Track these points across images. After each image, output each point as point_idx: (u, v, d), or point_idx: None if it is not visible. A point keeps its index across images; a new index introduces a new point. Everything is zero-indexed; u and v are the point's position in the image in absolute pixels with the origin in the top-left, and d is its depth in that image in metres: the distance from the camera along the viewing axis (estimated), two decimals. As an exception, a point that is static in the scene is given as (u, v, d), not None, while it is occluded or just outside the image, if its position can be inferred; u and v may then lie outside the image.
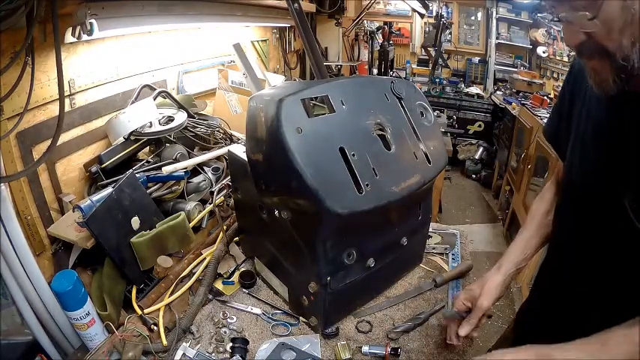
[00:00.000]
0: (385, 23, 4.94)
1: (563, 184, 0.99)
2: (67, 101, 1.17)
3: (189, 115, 1.56)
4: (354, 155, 0.90)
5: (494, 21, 5.17)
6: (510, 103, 4.09)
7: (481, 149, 4.95)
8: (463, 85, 5.25)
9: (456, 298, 1.00)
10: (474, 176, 4.97)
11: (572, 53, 3.84)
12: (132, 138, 1.36)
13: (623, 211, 0.71)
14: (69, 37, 1.12)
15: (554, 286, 1.01)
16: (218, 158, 1.56)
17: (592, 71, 0.70)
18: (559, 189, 1.03)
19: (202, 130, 1.60)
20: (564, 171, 0.96)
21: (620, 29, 0.62)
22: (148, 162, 1.36)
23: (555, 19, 0.67)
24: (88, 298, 0.98)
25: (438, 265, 1.33)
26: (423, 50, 5.52)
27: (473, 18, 5.58)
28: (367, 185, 0.90)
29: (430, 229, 1.35)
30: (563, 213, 0.96)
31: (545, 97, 3.68)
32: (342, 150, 0.89)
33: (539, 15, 4.20)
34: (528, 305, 1.19)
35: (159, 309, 1.07)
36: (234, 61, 1.92)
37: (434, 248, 1.40)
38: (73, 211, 1.12)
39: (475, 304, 0.93)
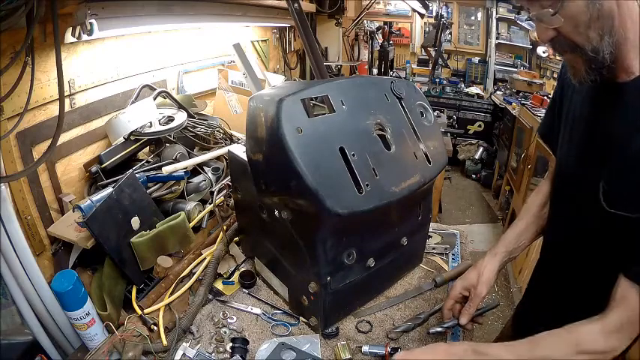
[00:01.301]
0: (385, 23, 4.94)
1: (553, 177, 1.02)
2: (67, 101, 1.17)
3: (189, 115, 1.56)
4: (354, 155, 0.90)
5: (494, 21, 5.17)
6: (510, 103, 4.09)
7: (481, 149, 4.95)
8: (463, 85, 5.25)
9: (453, 288, 1.01)
10: (474, 176, 4.97)
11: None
12: (132, 138, 1.36)
13: (596, 196, 0.75)
14: (69, 37, 1.12)
15: (548, 280, 1.03)
16: (218, 158, 1.56)
17: (567, 64, 0.76)
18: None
19: (202, 130, 1.60)
20: (555, 164, 1.00)
21: (586, 24, 0.67)
22: (148, 162, 1.36)
23: (528, 18, 0.74)
24: (88, 298, 0.98)
25: (438, 265, 1.33)
26: (423, 50, 5.52)
27: (473, 18, 5.58)
28: (367, 185, 0.90)
29: (430, 229, 1.35)
30: (554, 204, 0.99)
31: (545, 97, 3.67)
32: (342, 150, 0.89)
33: (516, 17, 4.20)
34: (525, 300, 1.20)
35: (159, 309, 1.07)
36: (234, 61, 1.92)
37: (434, 248, 1.40)
38: (73, 211, 1.12)
39: (474, 292, 0.95)
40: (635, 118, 0.71)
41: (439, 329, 0.97)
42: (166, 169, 1.31)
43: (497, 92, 4.79)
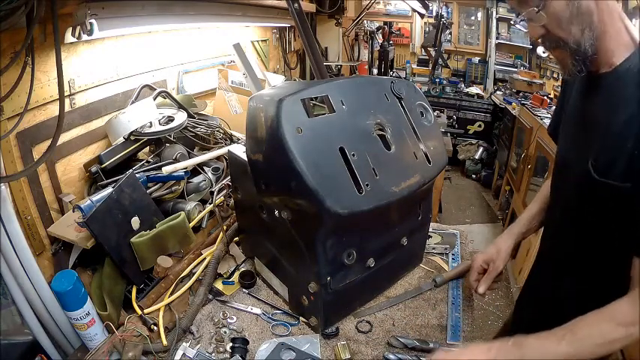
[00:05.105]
0: (385, 23, 4.94)
1: (553, 165, 1.11)
2: (67, 101, 1.17)
3: (189, 115, 1.56)
4: (354, 155, 0.90)
5: (494, 21, 5.17)
6: (510, 103, 4.09)
7: (481, 149, 4.95)
8: (463, 85, 5.25)
9: (474, 261, 1.11)
10: (474, 176, 4.97)
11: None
12: (132, 138, 1.36)
13: (588, 172, 0.82)
14: (69, 37, 1.12)
15: (547, 270, 1.07)
16: (218, 158, 1.56)
17: (557, 60, 0.84)
18: None
19: (202, 130, 1.60)
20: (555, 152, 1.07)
21: (568, 20, 0.76)
22: (148, 162, 1.36)
23: (519, 19, 0.83)
24: (88, 298, 0.98)
25: (438, 265, 1.33)
26: (423, 50, 5.52)
27: (473, 18, 5.58)
28: (367, 185, 0.90)
29: (430, 229, 1.35)
30: (553, 190, 1.06)
31: (545, 97, 3.67)
32: (342, 150, 0.89)
33: (513, 20, 4.22)
34: (524, 293, 1.24)
35: (159, 309, 1.07)
36: (234, 61, 1.92)
37: (434, 248, 1.40)
38: (73, 211, 1.12)
39: (492, 265, 1.07)
40: (614, 101, 0.79)
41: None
42: (166, 169, 1.31)
43: (497, 92, 4.79)
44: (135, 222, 1.13)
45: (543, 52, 4.65)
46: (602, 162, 0.80)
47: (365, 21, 4.32)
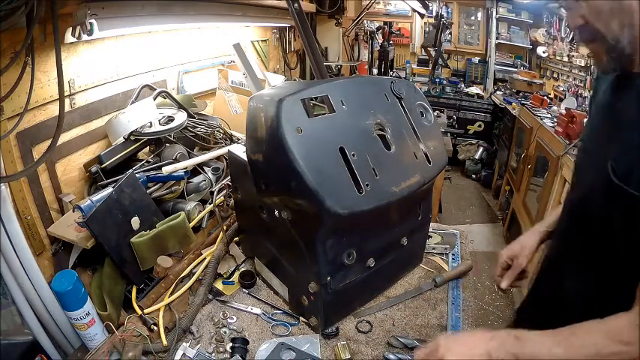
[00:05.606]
0: (385, 23, 4.94)
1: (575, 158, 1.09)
2: (67, 101, 1.17)
3: (189, 115, 1.56)
4: (354, 155, 0.90)
5: (494, 21, 5.17)
6: (510, 103, 4.09)
7: (481, 149, 4.95)
8: (463, 85, 5.25)
9: (500, 255, 1.11)
10: (474, 176, 4.97)
11: (573, 53, 3.86)
12: (132, 138, 1.36)
13: (606, 171, 0.79)
14: (69, 37, 1.12)
15: (552, 277, 1.05)
16: (218, 158, 1.56)
17: (592, 53, 0.81)
18: None
19: (202, 130, 1.60)
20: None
21: (608, 14, 0.72)
22: (148, 162, 1.36)
23: (559, 5, 0.82)
24: (88, 298, 0.98)
25: (438, 265, 1.33)
26: (423, 50, 5.52)
27: (473, 18, 5.58)
28: (367, 185, 0.90)
29: (430, 229, 1.35)
30: (571, 188, 1.05)
31: (545, 97, 3.67)
32: (342, 150, 0.89)
33: (550, 5, 4.17)
34: (528, 299, 1.22)
35: (159, 309, 1.07)
36: (234, 61, 1.92)
37: (434, 248, 1.40)
38: (73, 211, 1.12)
39: (516, 262, 1.07)
40: None
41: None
42: (166, 169, 1.31)
43: (497, 92, 4.79)
44: (135, 222, 1.13)
45: (544, 53, 4.66)
46: (622, 164, 0.77)
47: (365, 21, 4.32)
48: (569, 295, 0.96)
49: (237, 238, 1.34)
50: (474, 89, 5.15)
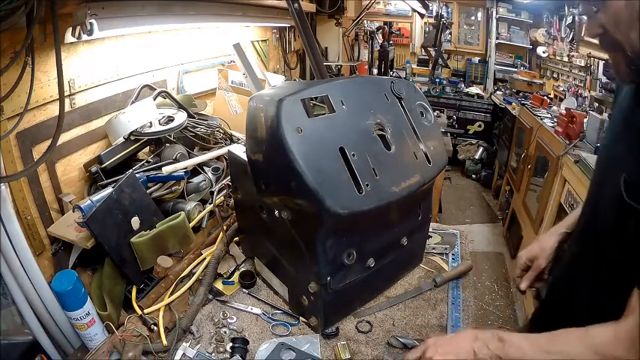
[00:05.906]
0: (385, 23, 4.94)
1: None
2: (67, 101, 1.17)
3: (189, 115, 1.56)
4: (354, 155, 0.90)
5: (494, 21, 5.17)
6: (510, 103, 4.09)
7: (481, 149, 4.95)
8: (463, 85, 5.25)
9: (519, 258, 1.11)
10: (474, 176, 4.97)
11: (573, 53, 3.86)
12: (132, 138, 1.36)
13: (619, 185, 0.77)
14: (69, 37, 1.12)
15: (565, 289, 1.02)
16: (218, 158, 1.56)
17: (612, 61, 0.79)
18: None
19: (202, 130, 1.60)
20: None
21: (627, 24, 0.69)
22: (148, 162, 1.36)
23: (580, 14, 0.79)
24: (88, 298, 0.98)
25: (438, 265, 1.33)
26: (423, 50, 5.52)
27: (473, 18, 5.58)
28: (367, 185, 0.90)
29: (430, 229, 1.35)
30: (587, 194, 1.02)
31: (545, 97, 3.67)
32: (342, 150, 0.89)
33: (572, 9, 4.13)
34: (540, 311, 1.20)
35: (159, 309, 1.07)
36: (234, 61, 1.92)
37: (434, 248, 1.40)
38: (73, 211, 1.12)
39: (536, 263, 1.06)
40: None
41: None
42: (166, 169, 1.31)
43: (497, 92, 4.79)
44: (135, 222, 1.13)
45: (543, 53, 4.66)
46: (634, 177, 0.74)
47: (365, 21, 4.32)
48: (580, 301, 0.94)
49: (237, 238, 1.34)
50: (474, 89, 5.15)
